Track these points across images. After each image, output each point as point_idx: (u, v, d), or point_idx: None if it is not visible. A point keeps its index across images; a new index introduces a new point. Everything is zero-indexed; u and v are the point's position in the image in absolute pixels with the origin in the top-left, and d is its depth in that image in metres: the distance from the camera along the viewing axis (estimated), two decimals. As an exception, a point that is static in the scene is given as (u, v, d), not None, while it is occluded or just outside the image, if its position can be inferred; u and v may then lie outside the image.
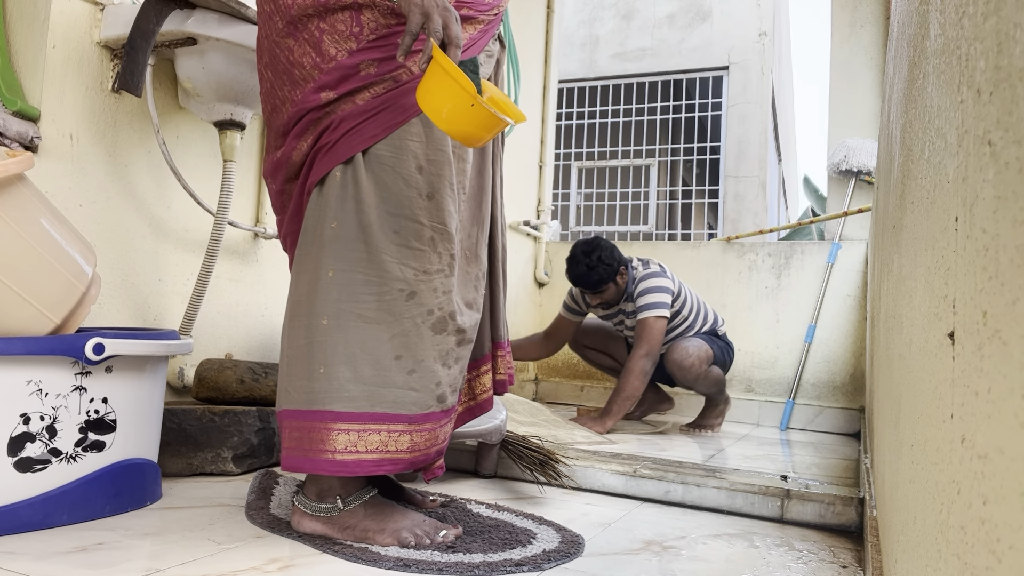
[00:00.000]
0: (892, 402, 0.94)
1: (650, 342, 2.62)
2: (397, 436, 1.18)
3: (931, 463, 0.51)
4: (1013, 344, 0.31)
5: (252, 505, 1.38)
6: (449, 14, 1.12)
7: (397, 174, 1.20)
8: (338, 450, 1.15)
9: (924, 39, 0.68)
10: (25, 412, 1.18)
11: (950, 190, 0.47)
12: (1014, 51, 0.33)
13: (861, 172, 3.29)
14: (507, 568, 1.11)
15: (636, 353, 2.62)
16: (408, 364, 1.19)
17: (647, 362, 2.61)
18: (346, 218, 1.19)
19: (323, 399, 1.17)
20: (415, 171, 1.21)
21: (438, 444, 1.24)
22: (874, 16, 3.39)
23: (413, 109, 1.21)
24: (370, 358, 1.17)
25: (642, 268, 2.76)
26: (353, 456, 1.16)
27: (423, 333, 1.20)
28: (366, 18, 1.21)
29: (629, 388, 2.61)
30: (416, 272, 1.20)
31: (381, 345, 1.18)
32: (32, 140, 1.53)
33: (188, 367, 1.90)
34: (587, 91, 6.47)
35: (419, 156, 1.21)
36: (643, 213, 5.85)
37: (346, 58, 1.20)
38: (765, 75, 6.24)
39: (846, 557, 1.32)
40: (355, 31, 1.21)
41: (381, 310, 1.18)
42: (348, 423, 1.16)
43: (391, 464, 1.17)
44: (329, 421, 1.16)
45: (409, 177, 1.20)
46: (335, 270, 1.18)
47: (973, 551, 0.36)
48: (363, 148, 1.20)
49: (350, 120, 1.21)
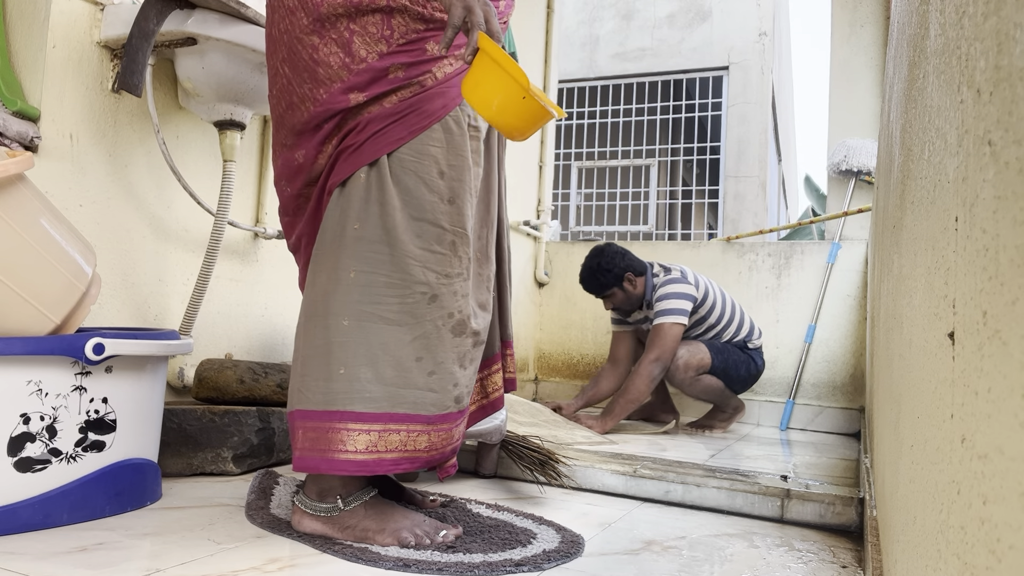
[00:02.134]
0: (892, 402, 0.94)
1: (662, 348, 2.62)
2: (416, 436, 1.19)
3: (931, 463, 0.51)
4: (1013, 344, 0.31)
5: (252, 505, 1.38)
6: (489, 8, 1.13)
7: (420, 178, 1.21)
8: (359, 450, 1.16)
9: (924, 39, 0.68)
10: (25, 412, 1.18)
11: (950, 190, 0.47)
12: (1014, 51, 0.33)
13: (861, 172, 3.29)
14: (507, 568, 1.11)
15: (646, 358, 2.62)
16: (428, 366, 1.20)
17: (656, 367, 2.61)
18: (370, 220, 1.20)
19: (343, 400, 1.17)
20: (437, 176, 1.23)
21: (453, 443, 1.26)
22: (874, 16, 3.39)
23: (436, 114, 1.23)
24: (392, 359, 1.18)
25: (663, 275, 2.76)
26: (374, 456, 1.17)
27: (443, 336, 1.22)
28: (396, 22, 1.22)
29: (634, 391, 2.61)
30: (438, 276, 1.21)
31: (403, 347, 1.19)
32: (32, 140, 1.53)
33: (188, 367, 1.90)
34: (587, 91, 6.47)
35: (440, 161, 1.23)
36: (643, 213, 5.85)
37: (376, 60, 1.21)
38: (765, 75, 6.24)
39: (846, 557, 1.32)
40: (386, 34, 1.22)
41: (403, 312, 1.19)
42: (369, 423, 1.17)
43: (409, 463, 1.20)
44: (349, 421, 1.16)
45: (432, 182, 1.22)
46: (356, 271, 1.19)
47: (973, 551, 0.36)
48: (389, 151, 1.21)
49: (377, 123, 1.22)
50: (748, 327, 2.88)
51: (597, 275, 2.72)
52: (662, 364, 2.62)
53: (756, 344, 2.90)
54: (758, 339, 2.91)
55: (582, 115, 6.21)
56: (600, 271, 2.71)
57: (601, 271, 2.71)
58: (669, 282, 2.71)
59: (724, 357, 2.77)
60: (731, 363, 2.78)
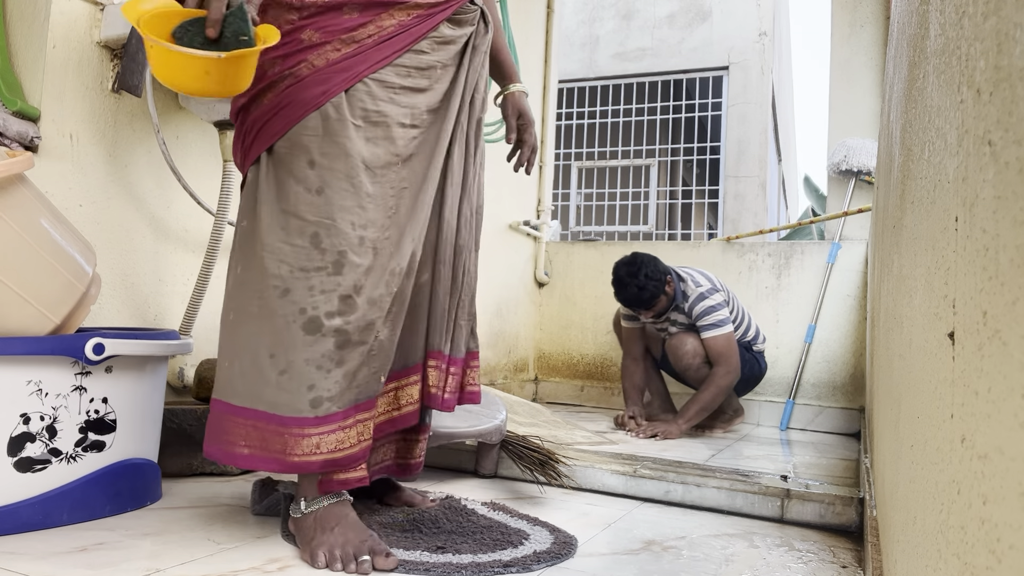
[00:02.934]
0: (892, 402, 0.94)
1: (729, 360, 2.66)
2: (273, 437, 1.15)
3: (931, 463, 0.51)
4: (1013, 344, 0.31)
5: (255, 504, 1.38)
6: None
7: (288, 170, 1.20)
8: (238, 443, 1.16)
9: (924, 39, 0.68)
10: (25, 412, 1.18)
11: (950, 190, 0.47)
12: (1014, 51, 0.33)
13: (861, 172, 3.29)
14: (495, 569, 1.11)
15: (718, 371, 2.66)
16: (280, 364, 1.16)
17: (730, 378, 2.66)
18: (247, 216, 1.22)
19: (224, 391, 1.19)
20: (306, 165, 1.19)
21: (323, 454, 1.15)
22: (874, 16, 3.39)
23: (313, 102, 1.19)
24: (251, 355, 1.17)
25: (692, 283, 2.74)
26: (247, 451, 1.16)
27: (294, 333, 1.16)
28: (269, 17, 1.22)
29: (710, 399, 2.66)
30: (292, 269, 1.16)
31: (260, 343, 1.17)
32: (32, 140, 1.53)
33: (188, 367, 1.90)
34: (587, 91, 6.47)
35: (312, 151, 1.19)
36: (643, 213, 5.85)
37: None
38: (765, 75, 6.24)
39: (846, 557, 1.32)
40: None
41: (263, 307, 1.18)
42: (241, 418, 1.17)
43: (275, 464, 1.14)
44: (229, 413, 1.18)
45: (299, 172, 1.19)
46: (241, 267, 1.22)
47: (973, 551, 0.36)
48: (267, 147, 1.21)
49: (260, 120, 1.22)
50: (754, 330, 2.91)
51: (645, 289, 2.66)
52: (735, 374, 2.67)
53: (760, 348, 2.93)
54: (761, 343, 2.94)
55: (582, 115, 6.21)
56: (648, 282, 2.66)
57: (649, 282, 2.66)
58: (707, 294, 2.71)
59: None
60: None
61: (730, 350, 2.66)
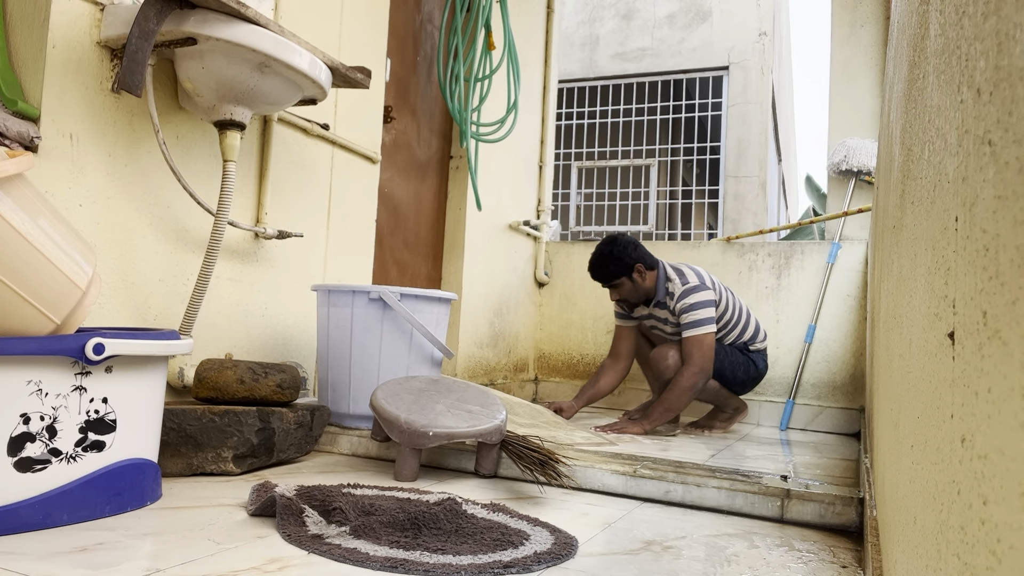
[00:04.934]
0: (892, 402, 0.94)
1: (702, 360, 2.61)
2: None
3: (931, 463, 0.51)
4: (1013, 344, 0.31)
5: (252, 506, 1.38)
6: None
7: None
8: None
9: (924, 39, 0.68)
10: (25, 412, 1.18)
11: (950, 190, 0.47)
12: (1014, 51, 0.33)
13: (861, 172, 3.29)
14: (495, 569, 1.10)
15: (687, 370, 2.60)
16: None
17: (699, 379, 2.60)
18: None
19: None
20: None
21: None
22: (874, 16, 3.39)
23: None
24: None
25: (679, 281, 2.71)
26: None
27: None
28: None
29: (674, 401, 2.60)
30: None
31: None
32: (32, 140, 1.53)
33: (188, 367, 1.90)
34: (587, 91, 6.47)
35: None
36: (643, 213, 5.85)
37: None
38: (765, 75, 6.24)
39: (846, 557, 1.32)
40: None
41: None
42: None
43: None
44: None
45: None
46: None
47: (973, 551, 0.36)
48: None
49: None
50: (753, 330, 2.87)
51: (608, 262, 2.66)
52: (705, 375, 2.61)
53: (759, 347, 2.89)
54: (762, 342, 2.90)
55: (582, 115, 6.21)
56: (611, 258, 2.66)
57: (612, 258, 2.66)
58: (691, 291, 2.67)
59: (720, 359, 2.76)
60: (727, 365, 2.77)
61: (701, 351, 2.61)
